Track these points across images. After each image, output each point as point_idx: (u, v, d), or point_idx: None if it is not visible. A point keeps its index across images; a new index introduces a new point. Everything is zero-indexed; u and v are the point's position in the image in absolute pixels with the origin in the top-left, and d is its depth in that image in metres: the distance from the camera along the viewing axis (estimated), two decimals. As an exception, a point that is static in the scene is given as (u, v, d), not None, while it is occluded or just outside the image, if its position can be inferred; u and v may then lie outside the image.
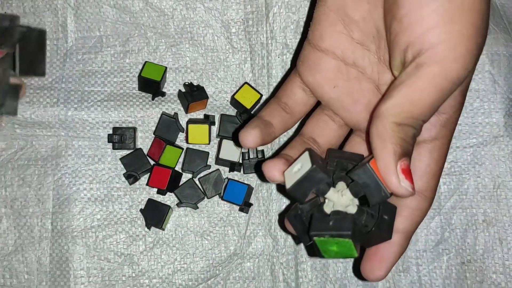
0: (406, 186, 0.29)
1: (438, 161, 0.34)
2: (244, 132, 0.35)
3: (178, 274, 0.43)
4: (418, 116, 0.29)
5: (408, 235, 0.34)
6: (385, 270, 0.33)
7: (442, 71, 0.29)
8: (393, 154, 0.28)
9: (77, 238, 0.43)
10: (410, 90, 0.29)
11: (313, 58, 0.35)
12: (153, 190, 0.44)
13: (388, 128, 0.29)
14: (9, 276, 0.43)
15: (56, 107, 0.44)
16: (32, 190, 0.43)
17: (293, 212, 0.33)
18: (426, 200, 0.34)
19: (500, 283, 0.44)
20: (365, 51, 0.34)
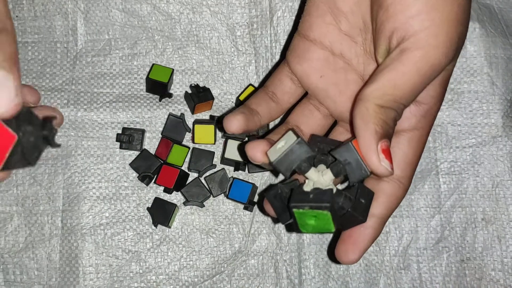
0: (386, 165, 0.30)
1: (416, 150, 0.35)
2: (228, 117, 0.35)
3: (184, 271, 0.44)
4: (400, 99, 0.30)
5: (382, 220, 0.34)
6: (359, 253, 0.34)
7: (424, 56, 0.30)
8: (374, 134, 0.30)
9: (86, 236, 0.44)
10: (393, 74, 0.30)
11: (302, 47, 0.37)
12: (160, 189, 0.45)
13: (370, 110, 0.30)
14: (19, 273, 0.44)
15: (66, 108, 0.45)
16: (42, 189, 0.44)
17: (273, 192, 0.34)
18: (401, 187, 0.35)
19: (499, 280, 0.44)
20: (352, 43, 0.35)
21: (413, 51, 0.30)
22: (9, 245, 0.44)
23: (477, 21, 0.46)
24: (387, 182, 0.34)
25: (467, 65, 0.46)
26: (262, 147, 0.33)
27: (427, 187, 0.45)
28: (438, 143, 0.46)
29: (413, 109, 0.34)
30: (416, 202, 0.45)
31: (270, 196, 0.34)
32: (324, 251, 0.45)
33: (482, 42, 0.46)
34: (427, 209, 0.45)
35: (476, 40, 0.46)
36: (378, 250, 0.45)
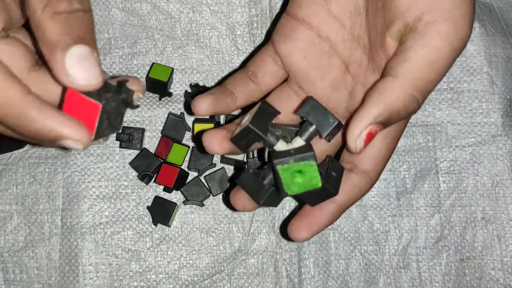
0: (359, 145, 0.29)
1: (389, 147, 0.34)
2: (197, 99, 0.34)
3: (184, 270, 0.44)
4: (430, 84, 0.28)
5: (342, 208, 0.34)
6: (311, 232, 0.33)
7: (455, 28, 0.28)
8: (376, 115, 0.28)
9: (86, 234, 0.44)
10: (426, 50, 0.28)
11: (289, 26, 0.35)
12: (160, 188, 0.45)
13: (393, 93, 0.28)
14: (19, 272, 0.44)
15: (66, 107, 0.45)
16: (42, 188, 0.44)
17: (245, 174, 0.33)
18: (368, 181, 0.34)
19: (499, 279, 0.44)
20: (340, 27, 0.34)
21: (441, 24, 0.28)
22: (8, 244, 0.44)
23: (477, 20, 0.46)
24: (356, 174, 0.34)
25: (467, 64, 0.46)
26: (220, 137, 0.32)
27: (426, 186, 0.46)
28: (438, 142, 0.46)
29: None
30: (416, 201, 0.45)
31: (242, 179, 0.32)
32: (324, 250, 0.45)
33: (482, 41, 0.46)
34: (427, 208, 0.45)
35: (476, 39, 0.46)
36: (377, 249, 0.45)
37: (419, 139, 0.46)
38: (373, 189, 0.46)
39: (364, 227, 0.45)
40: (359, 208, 0.45)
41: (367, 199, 0.46)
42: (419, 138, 0.46)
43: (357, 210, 0.45)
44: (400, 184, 0.46)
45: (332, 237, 0.45)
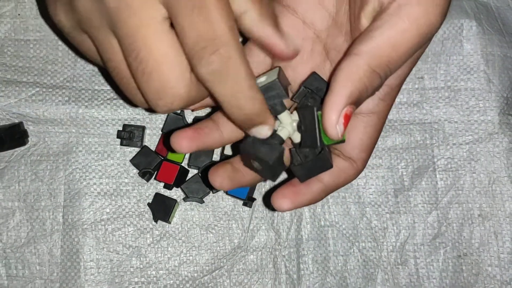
0: (339, 130, 0.29)
1: (372, 135, 0.34)
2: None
3: (184, 266, 0.45)
4: (394, 63, 0.29)
5: (327, 189, 0.34)
6: (293, 204, 0.33)
7: (424, 13, 0.28)
8: (348, 95, 0.28)
9: (87, 231, 0.45)
10: (392, 31, 0.28)
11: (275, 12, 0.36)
12: (160, 185, 0.45)
13: (359, 70, 0.28)
14: (21, 267, 0.44)
15: (68, 105, 0.46)
16: (44, 185, 0.45)
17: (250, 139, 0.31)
18: (354, 167, 0.35)
19: (496, 276, 0.45)
20: (325, 13, 0.35)
21: (413, 6, 0.28)
22: (11, 240, 0.44)
23: (474, 19, 0.47)
24: (343, 159, 0.34)
25: (464, 63, 0.47)
26: (188, 135, 0.32)
27: (424, 183, 0.46)
28: (435, 140, 0.46)
29: None
30: (413, 198, 0.46)
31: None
32: (322, 247, 0.45)
33: (479, 40, 0.47)
34: (424, 205, 0.46)
35: (472, 38, 0.47)
36: (375, 246, 0.45)
37: (416, 137, 0.46)
38: (371, 186, 0.46)
39: (362, 224, 0.46)
40: (357, 205, 0.46)
41: (365, 196, 0.46)
42: (417, 136, 0.46)
43: (355, 207, 0.46)
44: (398, 181, 0.46)
45: (331, 234, 0.46)
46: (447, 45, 0.47)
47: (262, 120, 0.29)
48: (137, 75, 0.28)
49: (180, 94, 0.28)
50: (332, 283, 0.45)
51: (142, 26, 0.27)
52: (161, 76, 0.27)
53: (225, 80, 0.27)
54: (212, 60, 0.26)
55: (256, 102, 0.28)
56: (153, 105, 0.29)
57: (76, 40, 0.32)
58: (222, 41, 0.26)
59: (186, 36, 0.27)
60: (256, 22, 0.29)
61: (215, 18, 0.26)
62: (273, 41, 0.30)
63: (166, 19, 0.27)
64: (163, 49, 0.27)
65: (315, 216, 0.46)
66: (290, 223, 0.46)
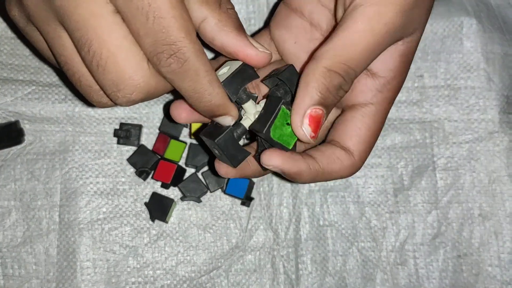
0: (306, 131, 0.30)
1: (371, 126, 0.34)
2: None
3: (181, 266, 0.45)
4: (351, 61, 0.30)
5: (319, 171, 0.33)
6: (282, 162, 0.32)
7: (377, 13, 0.29)
8: (309, 98, 0.29)
9: (84, 230, 0.44)
10: (345, 32, 0.30)
11: (283, 14, 0.37)
12: (158, 184, 0.45)
13: (316, 72, 0.29)
14: (17, 267, 0.44)
15: (64, 104, 0.46)
16: (40, 184, 0.45)
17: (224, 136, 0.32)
18: (350, 159, 0.34)
19: (496, 276, 0.45)
20: (329, 15, 0.35)
21: (366, 7, 0.29)
22: (7, 239, 0.44)
23: (474, 17, 0.46)
24: (340, 148, 0.34)
25: (464, 61, 0.46)
26: (186, 106, 0.33)
27: (424, 182, 0.46)
28: (434, 139, 0.46)
29: (369, 82, 0.33)
30: (413, 198, 0.45)
31: (221, 141, 0.32)
32: (321, 247, 0.45)
33: (479, 38, 0.46)
34: (424, 204, 0.45)
35: (473, 36, 0.46)
36: (375, 246, 0.45)
37: (416, 135, 0.46)
38: (370, 185, 0.46)
39: (361, 223, 0.45)
40: (356, 204, 0.46)
41: (364, 195, 0.46)
42: (416, 134, 0.46)
43: (354, 207, 0.46)
44: (397, 180, 0.46)
45: (330, 234, 0.45)
46: (447, 43, 0.47)
47: (224, 112, 0.30)
48: (92, 69, 0.28)
49: (139, 84, 0.28)
50: (331, 283, 0.45)
51: (92, 17, 0.27)
52: (117, 67, 0.27)
53: (183, 79, 0.28)
54: (169, 62, 0.27)
55: (217, 96, 0.29)
56: (113, 98, 0.29)
57: (29, 36, 0.32)
58: (178, 46, 0.27)
59: (142, 41, 0.27)
60: (216, 29, 0.30)
61: (171, 27, 0.26)
62: (236, 49, 0.30)
63: (116, 12, 0.27)
64: (116, 39, 0.27)
65: (314, 216, 0.45)
66: (289, 223, 0.45)
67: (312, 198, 0.46)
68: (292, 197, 0.46)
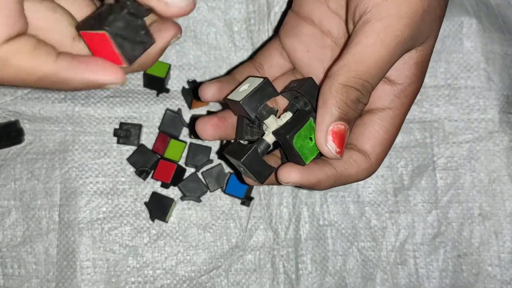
0: (331, 148, 0.30)
1: (388, 129, 0.35)
2: (204, 85, 0.35)
3: (181, 266, 0.45)
4: (365, 75, 0.30)
5: (337, 176, 0.33)
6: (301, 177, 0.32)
7: (386, 27, 0.30)
8: (329, 115, 0.30)
9: (84, 230, 0.44)
10: (357, 48, 0.30)
11: (294, 23, 0.37)
12: (157, 183, 0.45)
13: (332, 89, 0.30)
14: (17, 266, 0.44)
15: (64, 103, 0.45)
16: (40, 183, 0.45)
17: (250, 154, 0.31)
18: (367, 161, 0.34)
19: (496, 275, 0.45)
20: (339, 21, 0.36)
21: (374, 22, 0.30)
22: (7, 239, 0.44)
23: (474, 16, 0.46)
24: (356, 151, 0.34)
25: (464, 61, 0.46)
26: (211, 123, 0.33)
27: (424, 182, 0.46)
28: (435, 139, 0.46)
29: (386, 89, 0.34)
30: (413, 198, 0.45)
31: (247, 161, 0.31)
32: (321, 247, 0.45)
33: (479, 37, 0.46)
34: (424, 204, 0.45)
35: (473, 35, 0.46)
36: (375, 246, 0.45)
37: (416, 135, 0.46)
38: (370, 185, 0.46)
39: (361, 223, 0.45)
40: (356, 204, 0.45)
41: (364, 195, 0.46)
42: (416, 134, 0.46)
43: (354, 207, 0.46)
44: (397, 180, 0.46)
45: (330, 234, 0.45)
46: (447, 43, 0.47)
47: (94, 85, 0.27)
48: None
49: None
50: (331, 283, 0.45)
51: None
52: None
53: None
54: None
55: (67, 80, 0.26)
56: None
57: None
58: None
59: None
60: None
61: None
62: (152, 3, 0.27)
63: None
64: None
65: (314, 216, 0.45)
66: (289, 223, 0.45)
67: (312, 198, 0.45)
68: (292, 196, 0.46)
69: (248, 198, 0.45)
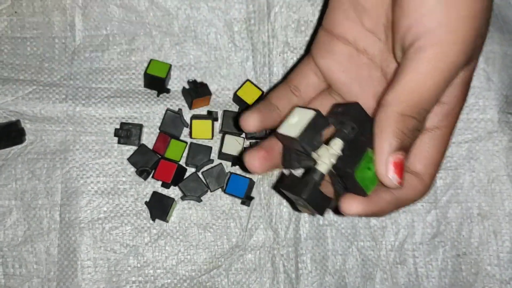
0: (393, 178, 0.29)
1: (439, 149, 0.35)
2: (244, 115, 0.35)
3: (182, 265, 0.45)
4: (421, 103, 0.30)
5: (397, 202, 0.33)
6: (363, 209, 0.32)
7: (441, 53, 0.29)
8: (388, 146, 0.29)
9: (85, 230, 0.45)
10: (412, 76, 0.29)
11: (326, 42, 0.36)
12: (158, 183, 0.45)
13: (389, 119, 0.29)
14: (18, 266, 0.44)
15: (65, 103, 0.46)
16: (41, 183, 0.45)
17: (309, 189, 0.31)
18: (421, 182, 0.34)
19: (495, 275, 0.45)
20: (376, 39, 0.35)
21: (429, 49, 0.29)
22: (8, 238, 0.44)
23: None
24: (410, 174, 0.34)
25: (464, 61, 0.47)
26: (260, 156, 0.33)
27: (423, 182, 0.46)
28: (434, 139, 0.46)
29: (435, 109, 0.33)
30: (413, 197, 0.46)
31: (309, 196, 0.31)
32: (321, 246, 0.45)
33: (479, 38, 0.46)
34: (423, 204, 0.46)
35: (472, 36, 0.46)
36: (374, 245, 0.45)
37: (415, 135, 0.46)
38: (370, 185, 0.46)
39: (361, 223, 0.46)
40: (356, 204, 0.46)
41: (364, 195, 0.46)
42: (416, 134, 0.46)
43: (354, 206, 0.46)
44: (397, 180, 0.46)
45: (329, 233, 0.45)
46: (446, 43, 0.47)
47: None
48: None
49: None
50: (331, 283, 0.45)
51: None
52: None
53: None
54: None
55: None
56: None
57: None
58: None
59: None
60: None
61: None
62: None
63: None
64: None
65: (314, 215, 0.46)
66: (289, 222, 0.45)
67: (312, 197, 0.46)
68: (292, 196, 0.46)
69: (248, 198, 0.45)
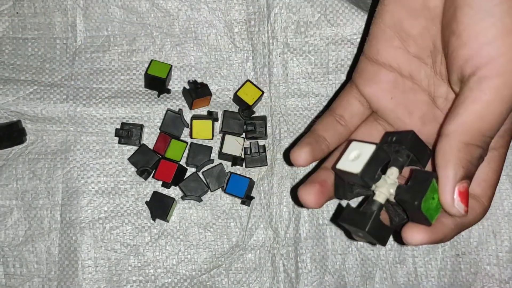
0: (459, 208, 0.29)
1: (496, 170, 0.35)
2: (295, 151, 0.35)
3: (182, 265, 0.45)
4: (487, 131, 0.30)
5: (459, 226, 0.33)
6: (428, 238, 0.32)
7: (506, 83, 0.29)
8: (453, 176, 0.29)
9: (85, 229, 0.45)
10: (477, 105, 0.29)
11: (370, 70, 0.36)
12: (158, 183, 0.45)
13: (454, 149, 0.29)
14: (19, 266, 0.44)
15: (66, 104, 0.46)
16: (42, 183, 0.45)
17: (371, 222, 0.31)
18: (481, 205, 0.34)
19: (494, 275, 0.45)
20: (421, 64, 0.35)
21: (493, 79, 0.29)
22: (9, 238, 0.44)
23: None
24: (471, 198, 0.34)
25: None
26: (315, 191, 0.33)
27: (422, 182, 0.46)
28: (433, 139, 0.46)
29: None
30: (412, 197, 0.46)
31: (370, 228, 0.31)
32: (320, 245, 0.45)
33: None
34: (423, 204, 0.46)
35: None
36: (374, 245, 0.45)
37: (415, 135, 0.46)
38: (370, 185, 0.46)
39: (360, 222, 0.46)
40: (356, 203, 0.46)
41: (363, 195, 0.46)
42: (415, 134, 0.46)
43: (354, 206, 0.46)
44: (396, 180, 0.46)
45: (329, 232, 0.46)
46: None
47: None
48: None
49: None
50: (330, 282, 0.45)
51: None
52: None
53: None
54: None
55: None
56: None
57: None
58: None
59: None
60: None
61: None
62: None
63: None
64: None
65: (313, 215, 0.46)
66: (289, 222, 0.46)
67: (312, 197, 0.46)
68: (290, 197, 0.46)
69: (248, 197, 0.45)
